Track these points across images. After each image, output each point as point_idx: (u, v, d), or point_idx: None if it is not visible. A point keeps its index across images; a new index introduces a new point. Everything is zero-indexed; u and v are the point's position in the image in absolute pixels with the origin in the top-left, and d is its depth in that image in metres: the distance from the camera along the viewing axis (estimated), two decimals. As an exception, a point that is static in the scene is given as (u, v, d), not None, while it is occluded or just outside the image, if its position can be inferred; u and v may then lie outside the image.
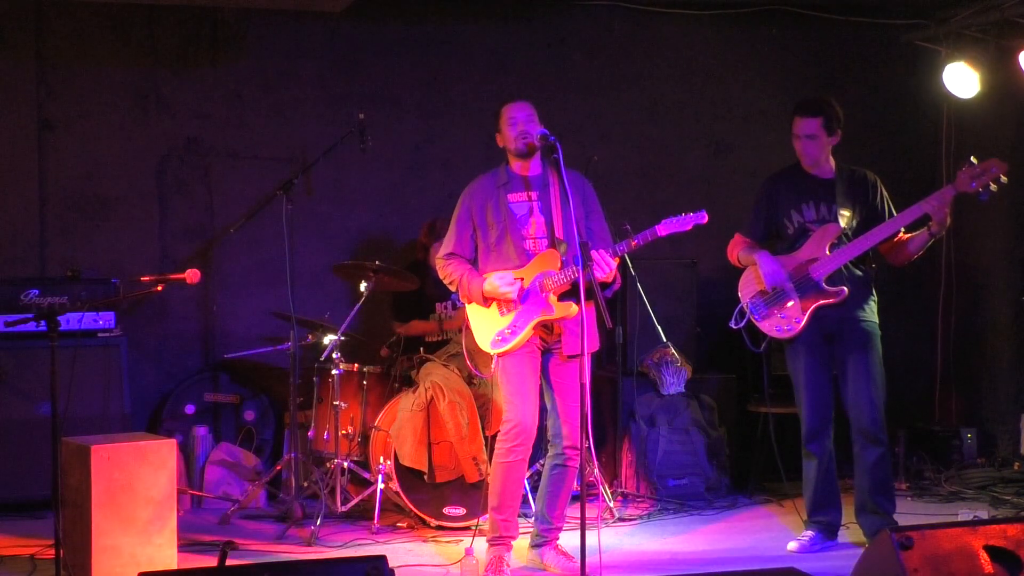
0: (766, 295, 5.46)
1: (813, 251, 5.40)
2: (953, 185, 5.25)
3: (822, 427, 5.51)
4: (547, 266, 5.03)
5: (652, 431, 6.60)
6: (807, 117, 5.42)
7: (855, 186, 5.48)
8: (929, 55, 7.48)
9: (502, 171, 5.19)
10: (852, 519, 5.65)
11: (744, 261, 5.58)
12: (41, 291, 6.24)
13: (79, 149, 6.84)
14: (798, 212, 5.48)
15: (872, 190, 5.49)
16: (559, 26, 7.48)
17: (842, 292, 5.34)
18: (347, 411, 6.18)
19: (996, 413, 7.47)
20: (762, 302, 5.48)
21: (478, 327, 5.17)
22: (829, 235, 5.39)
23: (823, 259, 5.37)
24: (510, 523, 5.16)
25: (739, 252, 5.60)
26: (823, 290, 5.36)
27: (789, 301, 5.41)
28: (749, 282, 5.54)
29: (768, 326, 5.48)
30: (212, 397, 6.85)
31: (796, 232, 5.48)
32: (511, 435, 5.06)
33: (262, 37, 7.07)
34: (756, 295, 5.49)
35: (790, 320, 5.41)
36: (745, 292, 5.55)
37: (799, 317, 5.39)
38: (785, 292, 5.41)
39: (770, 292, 5.43)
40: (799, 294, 5.38)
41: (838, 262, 5.35)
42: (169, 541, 5.03)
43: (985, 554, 3.66)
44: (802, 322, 5.38)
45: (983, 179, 5.18)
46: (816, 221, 5.45)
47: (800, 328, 5.39)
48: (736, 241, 5.64)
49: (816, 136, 5.42)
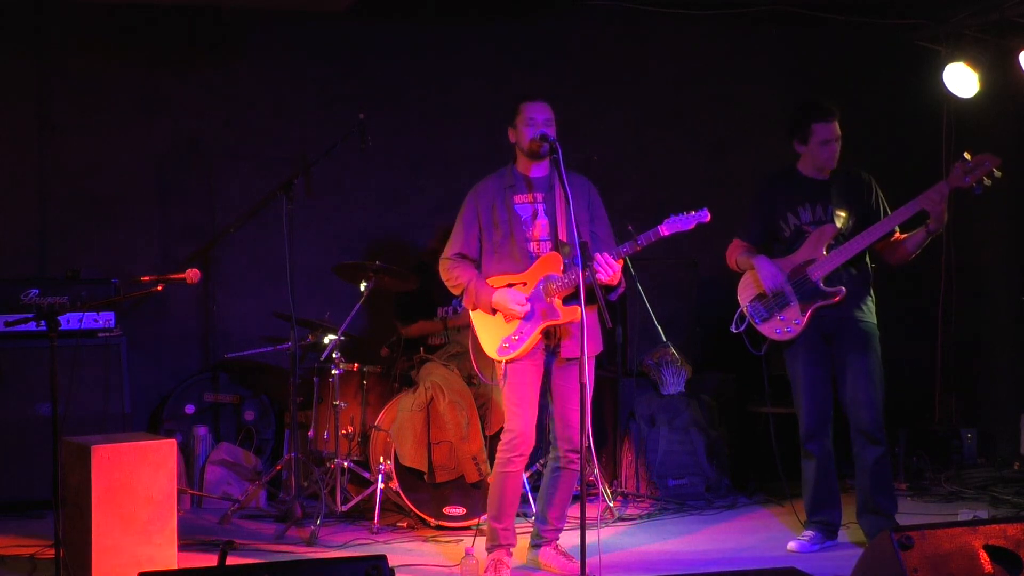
0: (765, 298, 5.47)
1: (810, 253, 5.41)
2: (947, 180, 5.25)
3: (820, 427, 5.51)
4: (550, 270, 5.03)
5: (652, 431, 6.60)
6: (835, 120, 5.45)
7: (850, 186, 5.49)
8: (929, 55, 7.48)
9: (508, 172, 5.18)
10: (852, 519, 5.65)
11: (742, 265, 5.59)
12: (41, 291, 6.24)
13: (79, 149, 6.85)
14: (794, 214, 5.48)
15: (867, 189, 5.50)
16: (559, 26, 7.48)
17: (840, 291, 5.35)
18: (347, 411, 6.18)
19: (996, 413, 7.47)
20: (761, 305, 5.49)
21: (484, 334, 5.14)
22: (826, 236, 5.40)
23: (820, 260, 5.38)
24: (509, 531, 5.17)
25: (737, 256, 5.61)
26: (822, 291, 5.37)
27: (789, 304, 5.42)
28: (748, 286, 5.55)
29: (768, 329, 5.49)
30: (212, 397, 6.85)
31: (793, 234, 5.49)
32: (511, 445, 5.05)
33: (263, 37, 7.08)
34: (755, 299, 5.51)
35: (789, 322, 5.42)
36: (744, 296, 5.56)
37: (799, 319, 5.40)
38: (784, 295, 5.42)
39: (769, 296, 5.44)
40: (798, 296, 5.40)
41: (835, 263, 5.36)
42: (169, 541, 5.03)
43: (985, 554, 3.67)
44: (802, 324, 5.39)
45: (976, 173, 5.19)
46: (812, 223, 5.46)
47: (800, 330, 5.40)
48: (735, 246, 5.65)
49: (840, 136, 5.45)
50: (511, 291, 5.02)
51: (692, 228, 4.96)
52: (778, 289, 5.41)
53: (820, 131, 5.44)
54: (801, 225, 5.47)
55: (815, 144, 5.46)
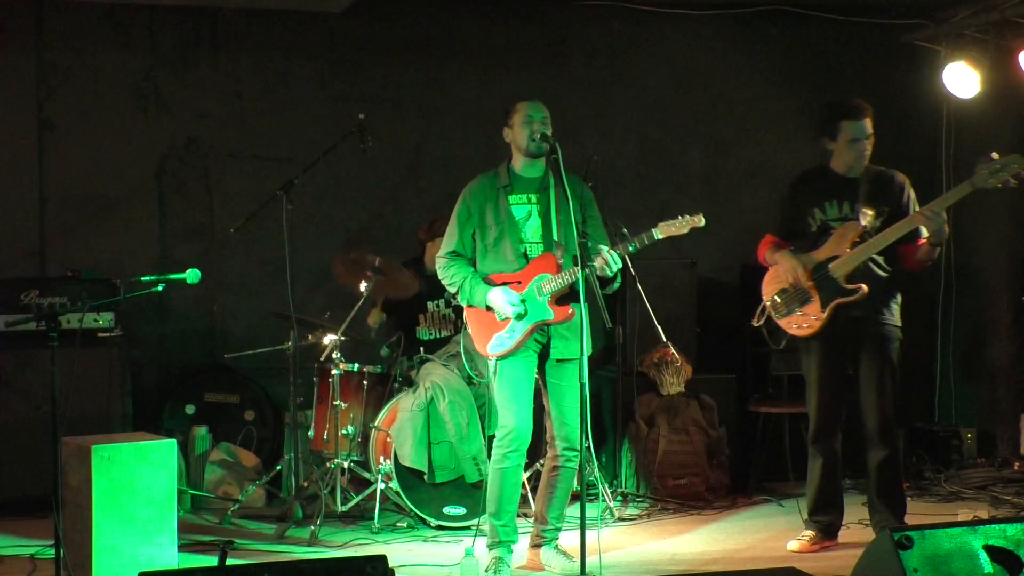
0: (787, 293, 5.49)
1: (834, 249, 5.40)
2: (971, 181, 5.19)
3: (828, 427, 5.51)
4: (544, 270, 5.03)
5: (652, 431, 6.60)
6: (864, 119, 5.44)
7: (882, 185, 5.45)
8: (929, 55, 7.48)
9: (504, 171, 5.18)
10: (853, 520, 5.65)
11: (769, 260, 5.62)
12: (41, 291, 6.24)
13: (79, 149, 6.85)
14: (820, 210, 5.49)
15: (899, 189, 5.45)
16: (559, 26, 7.48)
17: (860, 289, 5.33)
18: (347, 411, 6.18)
19: (996, 413, 7.47)
20: (783, 300, 5.51)
21: (476, 331, 5.16)
22: (850, 233, 5.38)
23: (843, 257, 5.37)
24: (510, 528, 5.16)
25: (765, 251, 5.63)
26: (842, 289, 5.36)
27: (810, 299, 5.42)
28: (772, 280, 5.58)
29: (788, 323, 5.51)
30: (212, 397, 6.85)
31: (818, 230, 5.49)
32: (506, 441, 5.06)
33: (262, 37, 7.08)
34: (778, 293, 5.53)
35: (809, 318, 5.43)
36: (768, 290, 5.58)
37: (818, 315, 5.40)
38: (805, 290, 5.43)
39: (791, 290, 5.46)
40: (820, 292, 5.40)
41: (857, 260, 5.34)
42: (169, 541, 5.03)
43: (985, 554, 3.66)
44: (821, 320, 5.39)
45: (1001, 176, 5.12)
46: (838, 220, 5.45)
47: (819, 326, 5.40)
48: (765, 241, 5.67)
49: (872, 135, 5.44)
50: (505, 290, 5.03)
51: (686, 232, 4.96)
52: (798, 284, 5.42)
53: (849, 129, 5.43)
54: (827, 221, 5.47)
55: (844, 142, 5.45)
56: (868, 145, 5.46)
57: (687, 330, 6.94)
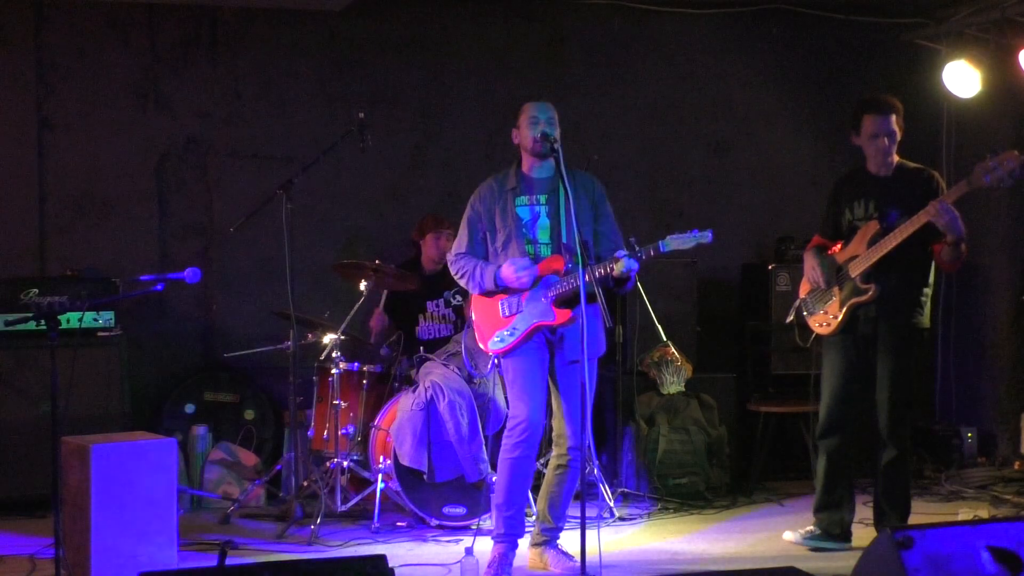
0: (815, 293, 5.57)
1: (855, 248, 5.43)
2: (968, 181, 5.18)
3: (835, 425, 5.51)
4: (552, 271, 5.04)
5: (652, 430, 6.60)
6: (887, 115, 5.41)
7: (911, 185, 5.40)
8: (929, 54, 7.48)
9: (512, 174, 5.18)
10: (854, 519, 5.64)
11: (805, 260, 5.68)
12: (41, 291, 6.23)
13: (79, 149, 6.84)
14: (850, 210, 5.51)
15: (929, 189, 5.39)
16: (559, 26, 7.48)
17: (871, 289, 5.33)
18: (347, 411, 6.17)
19: (996, 413, 7.46)
20: (811, 299, 5.60)
21: (480, 325, 5.19)
22: (869, 233, 5.38)
23: (860, 257, 5.38)
24: (516, 521, 5.15)
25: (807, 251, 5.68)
26: (857, 288, 5.38)
27: (831, 298, 5.48)
28: (806, 280, 5.66)
29: (813, 322, 5.60)
30: (212, 397, 6.85)
31: (847, 230, 5.52)
32: (517, 432, 5.05)
33: (262, 36, 7.07)
34: (808, 292, 5.62)
35: (828, 317, 5.50)
36: (802, 289, 5.68)
37: (836, 314, 5.45)
38: (827, 290, 5.47)
39: (817, 290, 5.54)
40: (841, 291, 5.44)
41: (871, 260, 5.34)
42: (169, 541, 5.02)
43: (986, 554, 3.66)
44: (839, 318, 5.42)
45: (998, 172, 5.10)
46: (863, 219, 5.46)
47: (837, 325, 5.44)
48: (813, 241, 5.73)
49: (894, 133, 5.42)
50: (512, 260, 5.05)
51: (691, 248, 4.95)
52: (815, 284, 5.51)
53: (869, 124, 5.42)
54: (854, 220, 5.49)
55: (865, 137, 5.45)
56: (888, 141, 5.42)
57: (687, 329, 6.94)
